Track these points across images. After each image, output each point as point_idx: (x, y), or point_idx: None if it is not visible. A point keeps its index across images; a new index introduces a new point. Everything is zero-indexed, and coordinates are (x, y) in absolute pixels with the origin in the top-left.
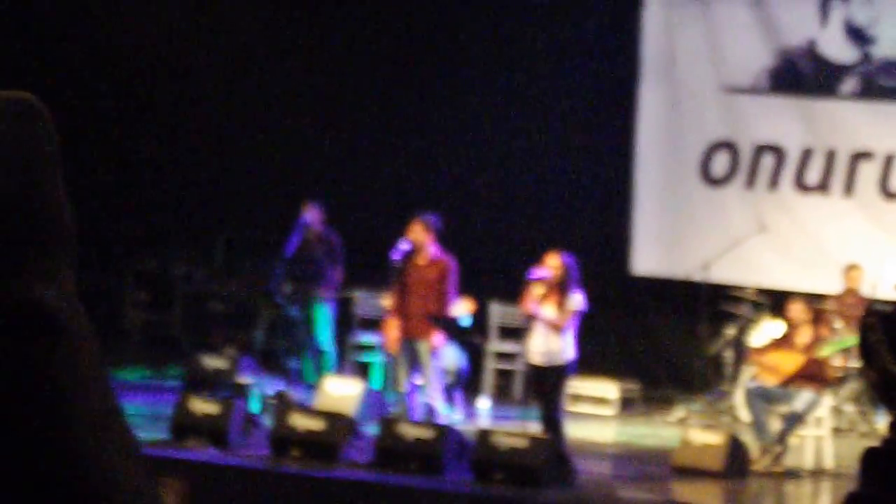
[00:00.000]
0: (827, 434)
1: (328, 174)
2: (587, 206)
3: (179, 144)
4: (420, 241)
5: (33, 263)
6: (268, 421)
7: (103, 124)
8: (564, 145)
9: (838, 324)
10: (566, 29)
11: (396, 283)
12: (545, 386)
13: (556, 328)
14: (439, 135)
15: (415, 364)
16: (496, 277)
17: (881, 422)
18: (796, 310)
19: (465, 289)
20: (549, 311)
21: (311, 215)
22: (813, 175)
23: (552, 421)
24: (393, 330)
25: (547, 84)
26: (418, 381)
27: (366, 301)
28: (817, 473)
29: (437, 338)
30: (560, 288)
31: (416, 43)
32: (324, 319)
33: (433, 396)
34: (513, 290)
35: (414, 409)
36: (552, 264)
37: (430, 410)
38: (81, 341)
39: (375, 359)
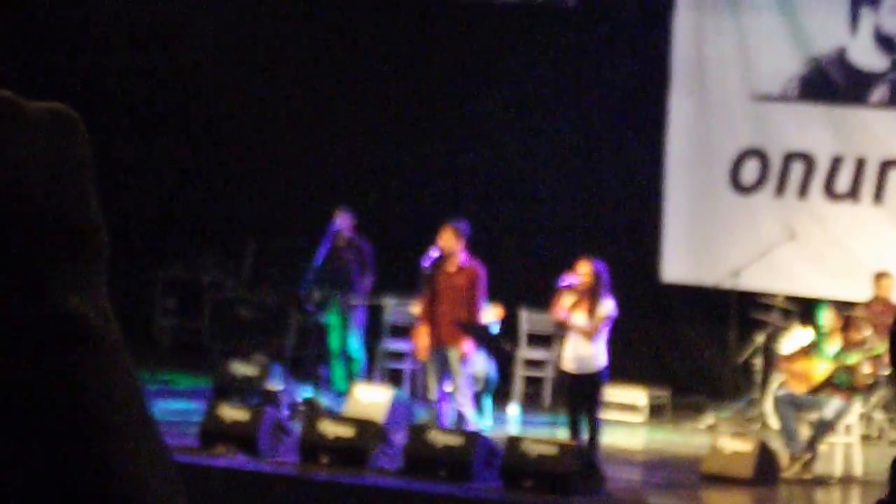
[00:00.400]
0: (856, 441)
1: (359, 181)
2: (617, 213)
3: (210, 151)
4: (450, 247)
5: (67, 274)
6: (297, 428)
7: (134, 133)
8: (595, 152)
9: (867, 331)
10: (596, 37)
11: (426, 289)
12: (579, 393)
13: (588, 335)
14: (470, 142)
15: (444, 371)
16: (525, 284)
17: None
18: (826, 317)
19: (494, 295)
20: (580, 318)
21: (342, 222)
22: (843, 183)
23: (587, 427)
24: (423, 337)
25: (577, 91)
26: (448, 388)
27: (395, 308)
28: (846, 481)
29: (467, 345)
30: (591, 295)
31: (447, 51)
32: (353, 326)
33: (462, 403)
34: (542, 297)
35: (443, 416)
36: (583, 271)
37: (460, 417)
38: (114, 352)
39: (405, 366)
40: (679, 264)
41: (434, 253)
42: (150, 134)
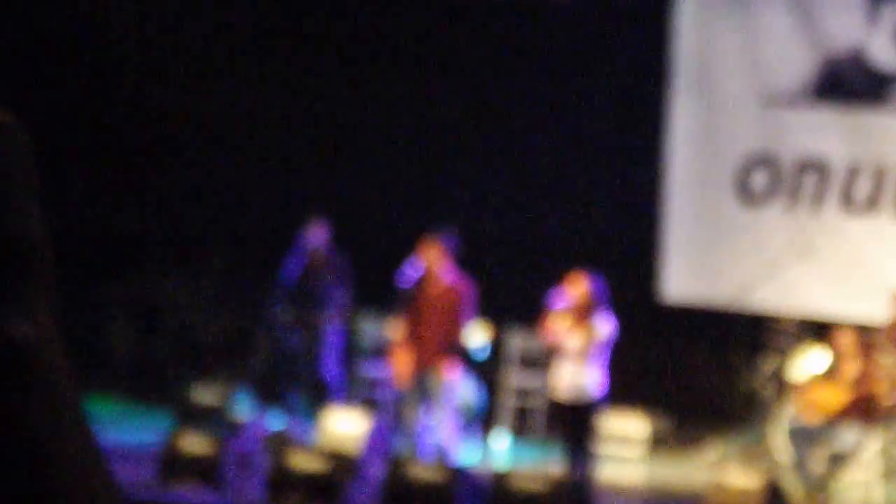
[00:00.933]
0: (875, 478)
1: (332, 189)
2: (614, 225)
3: (170, 160)
4: (433, 262)
5: (7, 294)
6: (265, 461)
7: (86, 137)
8: (589, 159)
9: (888, 356)
10: (590, 36)
11: (407, 309)
12: (573, 424)
13: (582, 359)
14: (453, 146)
15: (426, 399)
16: (514, 302)
17: None
18: (843, 340)
19: (481, 315)
20: (574, 340)
21: (316, 235)
22: (860, 194)
23: (583, 462)
24: (403, 361)
25: (570, 94)
26: (430, 417)
27: (374, 330)
28: None
29: (452, 370)
30: (586, 314)
31: (427, 49)
32: (328, 349)
33: (446, 435)
34: (532, 317)
35: (424, 449)
36: (577, 287)
37: (443, 450)
38: (57, 377)
39: (383, 393)
40: (681, 283)
41: (411, 268)
42: (105, 138)
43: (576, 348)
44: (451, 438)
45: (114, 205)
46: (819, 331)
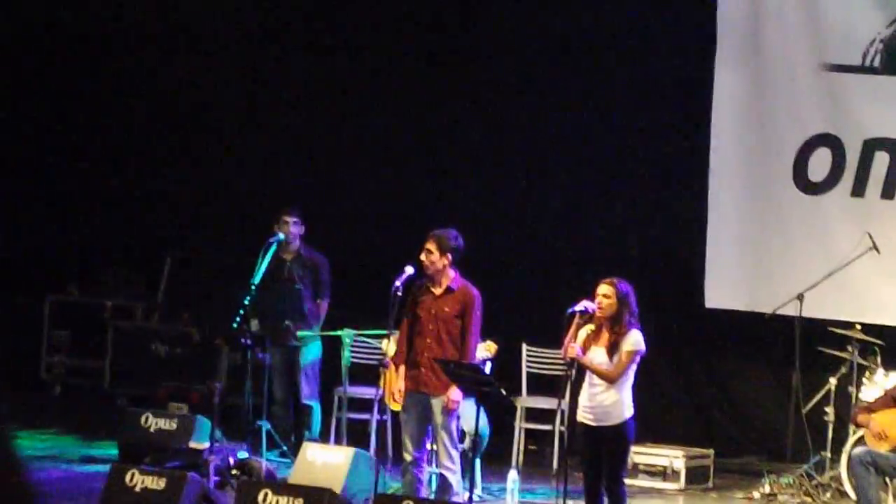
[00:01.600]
0: None
1: (311, 182)
2: (647, 220)
3: (115, 147)
4: (435, 264)
5: None
6: (229, 499)
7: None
8: (617, 139)
9: None
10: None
11: (403, 319)
12: (597, 453)
13: (609, 377)
14: (456, 136)
15: (424, 425)
16: (528, 312)
17: None
18: None
19: (487, 327)
20: (598, 354)
21: (289, 230)
22: None
23: (612, 497)
24: (396, 380)
25: (594, 65)
26: (428, 446)
27: (359, 343)
28: None
29: (452, 393)
30: (613, 325)
31: (432, 17)
32: (305, 366)
33: (446, 466)
34: (549, 329)
35: (421, 483)
36: (603, 294)
37: (442, 484)
38: None
39: (371, 417)
40: (727, 285)
41: (409, 270)
42: (39, 136)
43: (600, 364)
44: (451, 470)
45: (47, 198)
46: (890, 341)
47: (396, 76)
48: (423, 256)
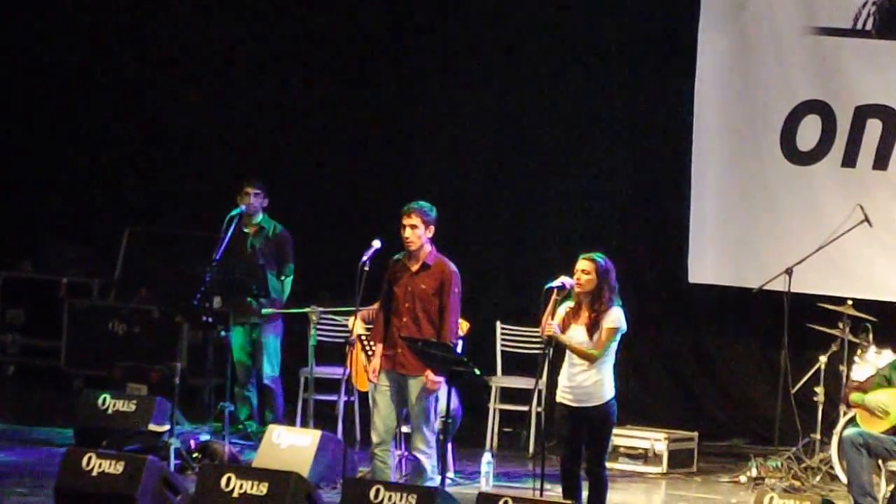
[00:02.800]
0: None
1: (275, 152)
2: (627, 192)
3: (66, 114)
4: (420, 238)
5: None
6: (191, 484)
7: None
8: (597, 107)
9: None
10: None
11: (383, 297)
12: (577, 435)
13: (589, 357)
14: (427, 108)
15: (399, 406)
16: (503, 289)
17: None
18: None
19: (462, 304)
20: (578, 333)
21: (251, 202)
22: None
23: (592, 481)
24: (372, 358)
25: (578, 32)
26: (404, 428)
27: (327, 321)
28: None
29: (431, 373)
30: (593, 302)
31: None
32: (268, 345)
33: (422, 450)
34: (525, 307)
35: (391, 467)
36: (583, 270)
37: (414, 468)
38: None
39: (339, 398)
40: (711, 260)
41: (376, 244)
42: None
43: (580, 343)
44: (425, 453)
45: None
46: (883, 317)
47: (364, 43)
48: (406, 232)
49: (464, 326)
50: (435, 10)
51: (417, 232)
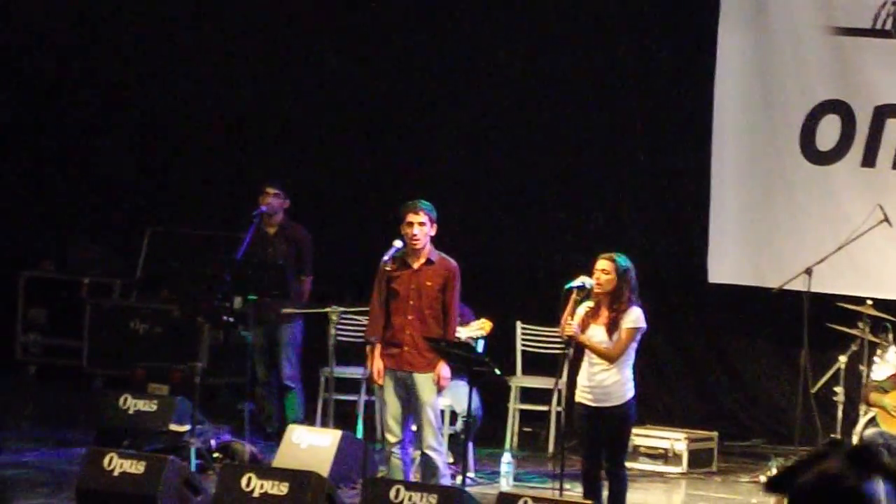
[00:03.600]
0: None
1: (295, 153)
2: (646, 191)
3: (89, 116)
4: (427, 236)
5: None
6: (211, 484)
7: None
8: (616, 112)
9: None
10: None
11: (380, 295)
12: (596, 435)
13: (609, 356)
14: (447, 107)
15: (408, 405)
16: (523, 289)
17: None
18: None
19: (482, 305)
20: (597, 332)
21: (271, 202)
22: None
23: (611, 481)
24: (375, 359)
25: (598, 31)
26: (413, 427)
27: (347, 320)
28: None
29: (442, 370)
30: (612, 302)
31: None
32: (288, 345)
33: (434, 448)
34: (545, 307)
35: (409, 466)
36: (602, 270)
37: (431, 467)
38: None
39: (358, 398)
40: (731, 260)
41: (397, 244)
42: (14, 110)
43: (599, 343)
44: (440, 452)
45: (21, 169)
46: None
47: (377, 49)
48: (414, 230)
49: (486, 326)
50: (452, 5)
51: (425, 229)
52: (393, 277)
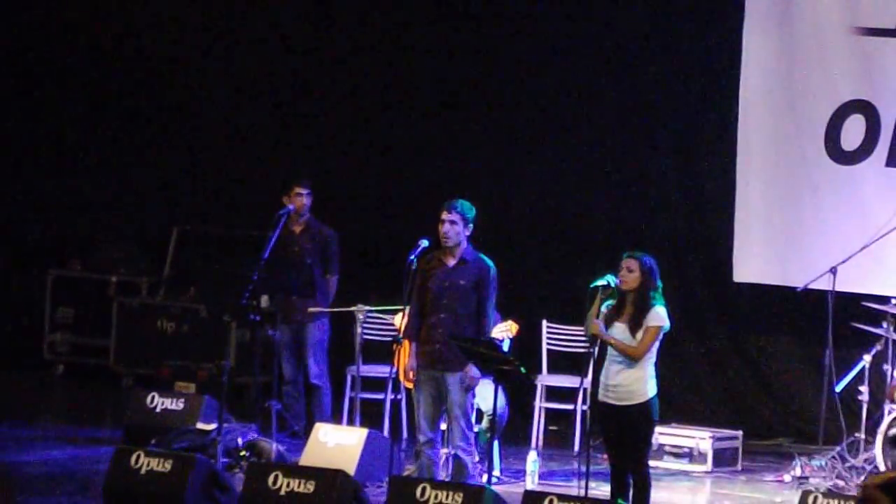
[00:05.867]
0: None
1: (321, 152)
2: (671, 191)
3: (119, 116)
4: (459, 234)
5: None
6: (238, 482)
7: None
8: (640, 109)
9: None
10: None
11: (415, 293)
12: (620, 434)
13: (632, 355)
14: (473, 109)
15: (439, 403)
16: (548, 288)
17: None
18: None
19: (507, 303)
20: (621, 331)
21: (298, 202)
22: None
23: (634, 481)
24: (409, 357)
25: (623, 33)
26: (443, 425)
27: (372, 319)
28: None
29: (472, 368)
30: (636, 301)
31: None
32: (315, 344)
33: (462, 447)
34: (570, 306)
35: (436, 465)
36: (627, 268)
37: (459, 466)
38: None
39: (385, 397)
40: (756, 259)
41: (423, 243)
42: (41, 109)
43: (623, 341)
44: (468, 451)
45: (49, 168)
46: None
47: (406, 48)
48: (445, 227)
49: (513, 328)
50: (478, 8)
51: (456, 228)
52: (428, 276)
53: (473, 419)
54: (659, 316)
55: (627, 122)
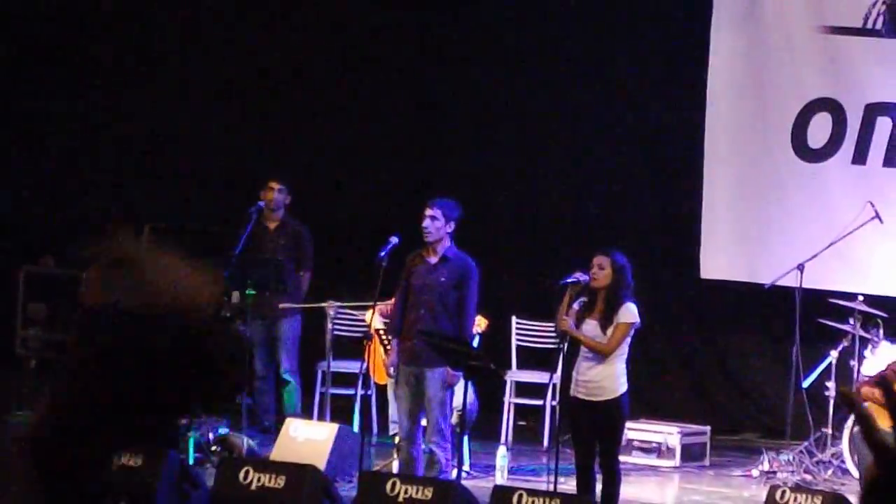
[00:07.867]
0: None
1: (294, 147)
2: (641, 188)
3: (87, 109)
4: (439, 231)
5: None
6: (209, 477)
7: None
8: (611, 105)
9: None
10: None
11: (400, 290)
12: (590, 429)
13: (602, 351)
14: (447, 105)
15: (419, 400)
16: (517, 284)
17: None
18: None
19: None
20: (592, 327)
21: (274, 196)
22: None
23: (605, 475)
24: (389, 353)
25: (592, 31)
26: (423, 421)
27: (344, 315)
28: None
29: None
30: (608, 297)
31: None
32: (286, 339)
33: (437, 442)
34: (540, 302)
35: (419, 461)
36: (599, 265)
37: (430, 461)
38: None
39: (356, 392)
40: (724, 256)
41: (393, 240)
42: (14, 103)
43: (594, 337)
44: (443, 447)
45: (22, 165)
46: (894, 312)
47: (386, 41)
48: (426, 222)
49: (482, 324)
50: (465, 12)
51: (437, 223)
52: (411, 272)
53: (451, 416)
54: (630, 313)
55: (595, 119)
